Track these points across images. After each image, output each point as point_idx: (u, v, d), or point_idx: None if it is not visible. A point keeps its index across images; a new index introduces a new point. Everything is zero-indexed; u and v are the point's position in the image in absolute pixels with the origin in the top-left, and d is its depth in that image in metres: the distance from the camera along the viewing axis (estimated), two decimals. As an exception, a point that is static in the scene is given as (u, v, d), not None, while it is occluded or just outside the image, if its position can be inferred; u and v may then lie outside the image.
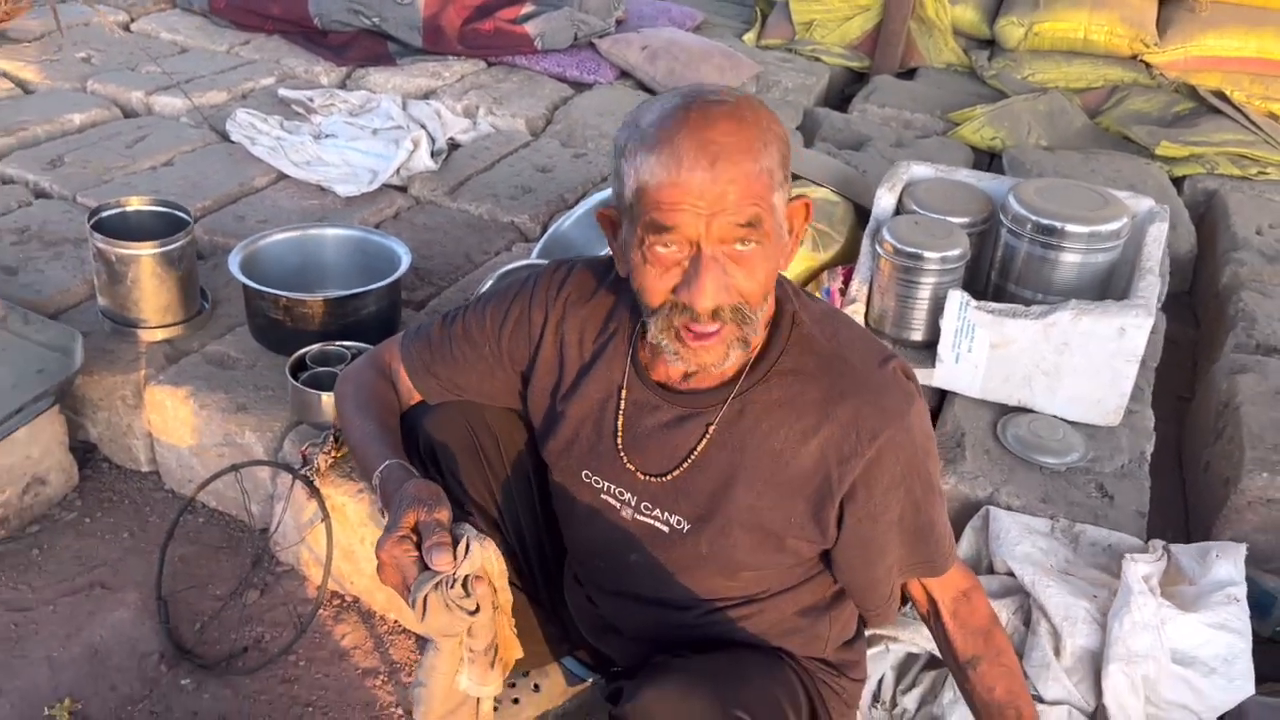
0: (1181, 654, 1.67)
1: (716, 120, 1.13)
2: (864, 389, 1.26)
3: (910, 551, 1.37)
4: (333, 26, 3.83)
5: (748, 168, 1.12)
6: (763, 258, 1.17)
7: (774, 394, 1.28)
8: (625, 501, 1.38)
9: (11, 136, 2.99)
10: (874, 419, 1.24)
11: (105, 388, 2.14)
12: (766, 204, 1.14)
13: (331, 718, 1.78)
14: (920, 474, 1.31)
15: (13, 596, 1.94)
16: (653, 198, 1.14)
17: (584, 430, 1.38)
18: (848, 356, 1.28)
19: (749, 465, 1.28)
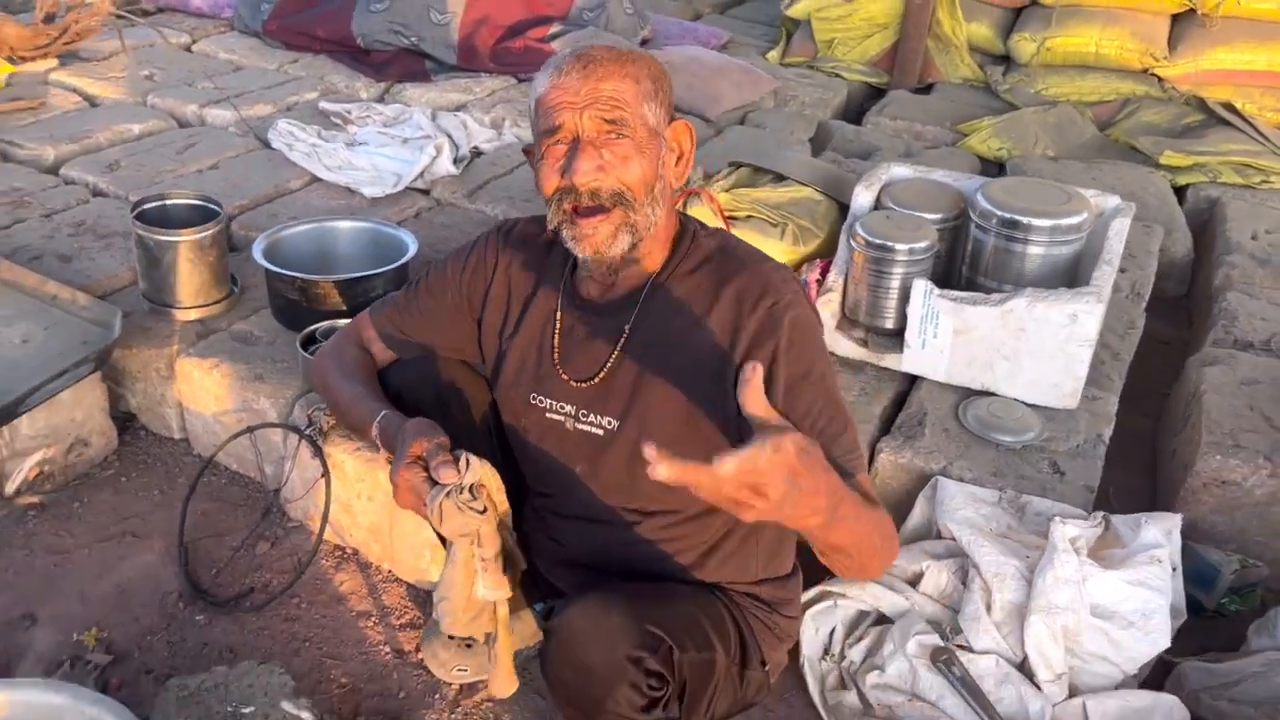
0: (1102, 609, 1.79)
1: (596, 48, 1.44)
2: (746, 270, 1.46)
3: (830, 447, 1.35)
4: (374, 45, 4.09)
5: (616, 75, 1.39)
6: (635, 150, 1.40)
7: (675, 292, 1.48)
8: (567, 414, 1.56)
9: (77, 144, 3.28)
10: (757, 290, 1.43)
11: (142, 361, 2.37)
12: (634, 108, 1.40)
13: (326, 652, 1.97)
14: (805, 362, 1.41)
15: (54, 541, 2.17)
16: (542, 105, 1.42)
17: (529, 357, 1.58)
18: (736, 252, 1.51)
19: (660, 356, 1.47)
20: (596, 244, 1.44)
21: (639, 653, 1.39)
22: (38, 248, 2.67)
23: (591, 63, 1.40)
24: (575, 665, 1.40)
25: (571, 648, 1.40)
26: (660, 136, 1.44)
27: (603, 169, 1.40)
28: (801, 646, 1.93)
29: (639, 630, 1.40)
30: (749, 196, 2.57)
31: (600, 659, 1.38)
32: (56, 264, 2.61)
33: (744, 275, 1.46)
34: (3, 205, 2.87)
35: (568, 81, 1.39)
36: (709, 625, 1.52)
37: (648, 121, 1.42)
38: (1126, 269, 2.87)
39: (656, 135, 1.44)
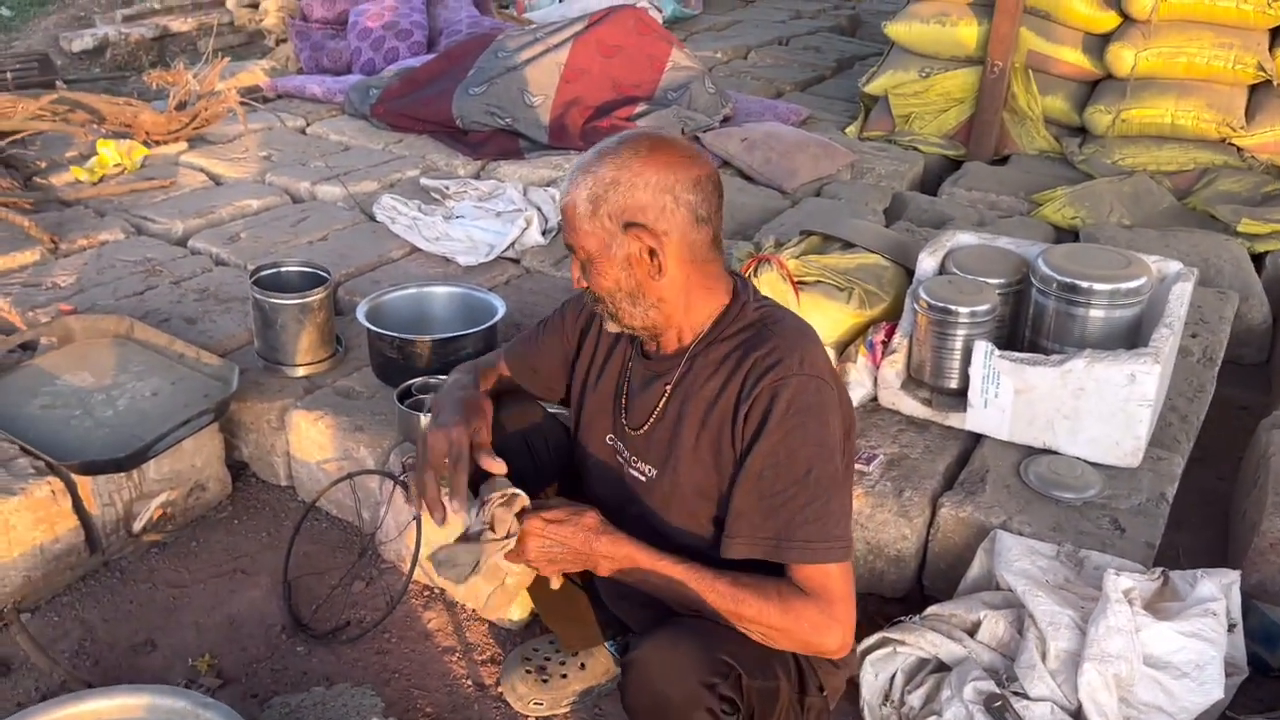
0: (1155, 659, 1.83)
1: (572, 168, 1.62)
2: (768, 343, 1.57)
3: (763, 520, 1.51)
4: (472, 126, 4.38)
5: (570, 204, 1.58)
6: (593, 268, 1.59)
7: (713, 355, 1.61)
8: (625, 458, 1.72)
9: (203, 218, 3.60)
10: (768, 363, 1.54)
11: (255, 413, 2.60)
12: (580, 232, 1.57)
13: (413, 683, 2.11)
14: (790, 432, 1.50)
15: (174, 576, 2.38)
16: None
17: (608, 400, 1.76)
18: (772, 325, 1.61)
19: (691, 412, 1.60)
20: (607, 325, 1.68)
21: (712, 679, 1.50)
22: (167, 311, 2.95)
23: (565, 185, 1.61)
24: (653, 694, 1.51)
25: (649, 679, 1.52)
26: (609, 249, 1.56)
27: (580, 280, 1.64)
28: (862, 691, 2.00)
29: (710, 658, 1.51)
30: (818, 262, 2.71)
31: (676, 687, 1.49)
32: (183, 325, 2.88)
33: (764, 348, 1.57)
34: (137, 273, 3.17)
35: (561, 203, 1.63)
36: (770, 653, 1.61)
37: (589, 243, 1.57)
38: (1198, 334, 2.91)
39: (605, 250, 1.56)
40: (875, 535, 2.27)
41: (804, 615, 1.49)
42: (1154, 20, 4.09)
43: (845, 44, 6.50)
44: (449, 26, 5.53)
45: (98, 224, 3.52)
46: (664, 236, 1.56)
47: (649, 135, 1.60)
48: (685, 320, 1.63)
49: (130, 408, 2.49)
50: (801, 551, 1.50)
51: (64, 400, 2.50)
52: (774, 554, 1.52)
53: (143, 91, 5.32)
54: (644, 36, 4.62)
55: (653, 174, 1.53)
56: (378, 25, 5.44)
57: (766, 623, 1.51)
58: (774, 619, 1.50)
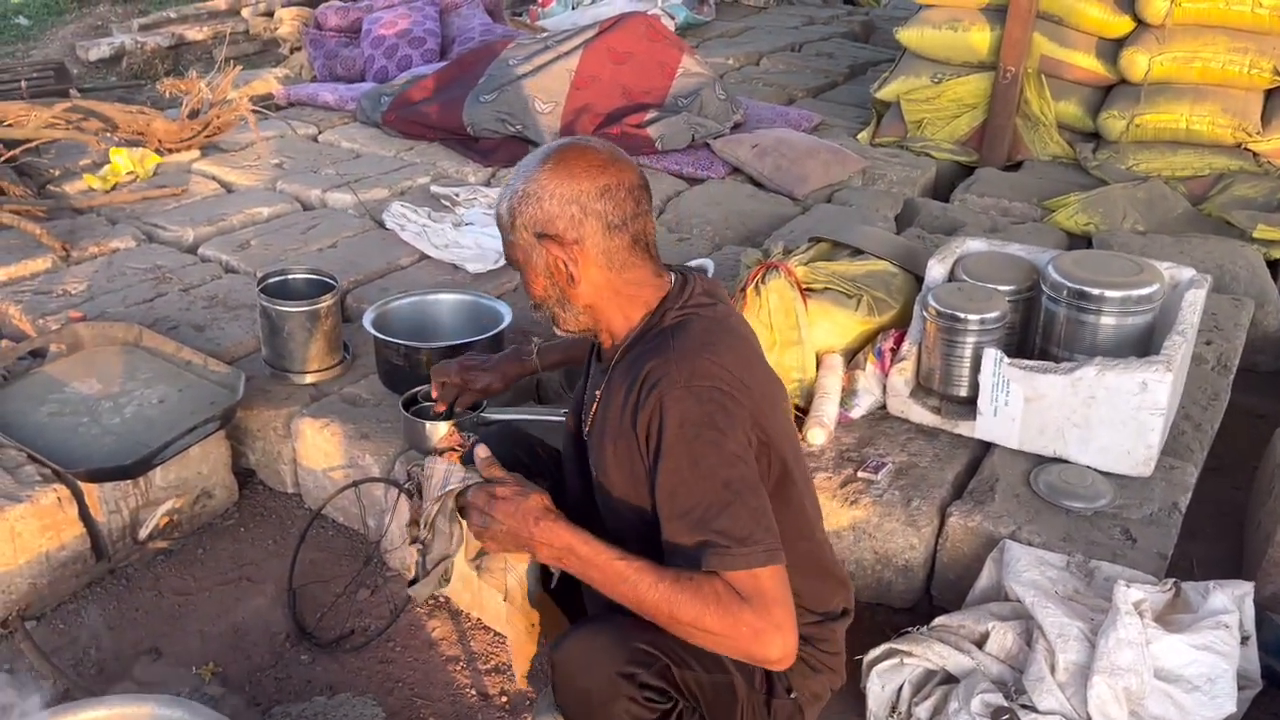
0: (1166, 672, 1.80)
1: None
2: (657, 356, 1.53)
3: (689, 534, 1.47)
4: (483, 133, 4.38)
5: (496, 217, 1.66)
6: (524, 277, 1.64)
7: (625, 364, 1.60)
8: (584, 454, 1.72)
9: (213, 226, 3.61)
10: (654, 379, 1.51)
11: (262, 420, 2.60)
12: (505, 244, 1.64)
13: (417, 692, 2.11)
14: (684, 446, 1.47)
15: (179, 584, 2.39)
16: None
17: (576, 398, 1.79)
18: (672, 337, 1.56)
19: (610, 420, 1.59)
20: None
21: (629, 668, 1.49)
22: (175, 318, 2.96)
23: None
24: (574, 690, 1.53)
25: (569, 674, 1.53)
26: (532, 253, 1.60)
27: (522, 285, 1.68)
28: (868, 703, 1.98)
29: (628, 647, 1.50)
30: (826, 269, 2.69)
31: (594, 679, 1.50)
32: (191, 333, 2.88)
33: (655, 359, 1.53)
34: (147, 280, 3.19)
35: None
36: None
37: (515, 253, 1.63)
38: (1213, 341, 2.87)
39: (526, 262, 1.62)
40: (883, 544, 2.24)
41: (741, 619, 1.42)
42: (1168, 25, 4.05)
43: (858, 50, 6.49)
44: (462, 34, 5.54)
45: (109, 232, 3.54)
46: (574, 246, 1.57)
47: (561, 146, 1.59)
48: (613, 326, 1.64)
49: (137, 415, 2.50)
50: (722, 558, 1.44)
51: (71, 407, 2.51)
52: (702, 563, 1.45)
53: (157, 100, 5.35)
54: (655, 43, 4.62)
55: (557, 185, 1.55)
56: (391, 33, 5.46)
57: (705, 627, 1.43)
58: (712, 622, 1.43)
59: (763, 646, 1.43)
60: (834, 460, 2.38)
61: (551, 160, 1.57)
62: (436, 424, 2.31)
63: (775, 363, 2.52)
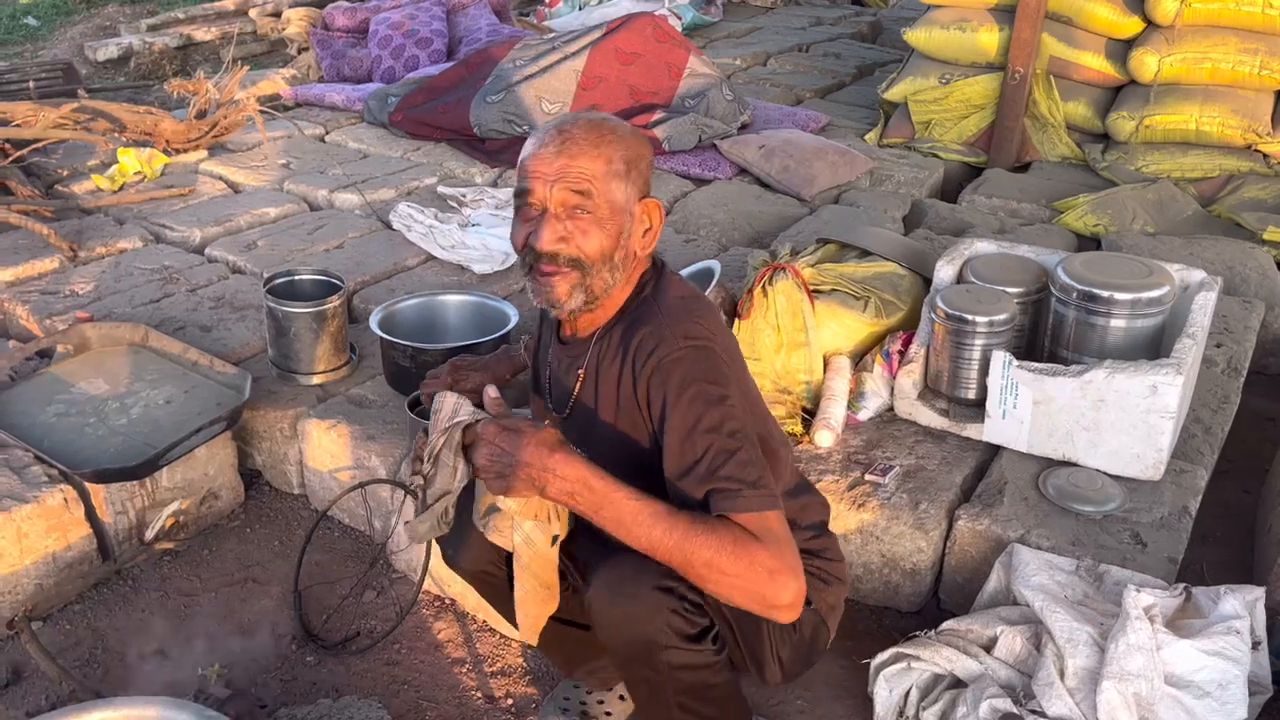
0: (1177, 678, 1.78)
1: (576, 121, 1.58)
2: (646, 325, 1.56)
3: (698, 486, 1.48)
4: (489, 134, 4.38)
5: (589, 154, 1.53)
6: (595, 225, 1.54)
7: (613, 339, 1.60)
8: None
9: (220, 226, 3.61)
10: (649, 346, 1.54)
11: (268, 421, 2.60)
12: (600, 186, 1.53)
13: (422, 694, 2.10)
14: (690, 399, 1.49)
15: (185, 585, 2.38)
16: (521, 168, 1.58)
17: (537, 383, 1.79)
18: (663, 306, 1.59)
19: (604, 398, 1.60)
20: (552, 298, 1.58)
21: (667, 582, 1.50)
22: (182, 319, 2.96)
23: (568, 140, 1.54)
24: (618, 618, 1.52)
25: (607, 607, 1.53)
26: (626, 212, 1.57)
27: (564, 240, 1.54)
28: (875, 708, 1.97)
29: (660, 569, 1.49)
30: (834, 271, 2.68)
31: (635, 601, 1.50)
32: (198, 334, 2.88)
33: (646, 328, 1.56)
34: (154, 281, 3.19)
35: (544, 153, 1.54)
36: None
37: (613, 199, 1.55)
38: (1223, 344, 2.86)
39: (622, 211, 1.56)
40: (891, 548, 2.23)
41: (757, 558, 1.42)
42: (1178, 25, 4.04)
43: (866, 50, 6.47)
44: (469, 35, 5.54)
45: (117, 232, 3.54)
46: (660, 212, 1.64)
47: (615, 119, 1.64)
48: (615, 297, 1.63)
49: (144, 416, 2.49)
50: (734, 501, 1.45)
51: (78, 408, 2.51)
52: (713, 508, 1.46)
53: (165, 100, 5.36)
54: (662, 44, 4.61)
55: (648, 151, 1.62)
56: (398, 33, 5.46)
57: (720, 568, 1.42)
58: (728, 563, 1.42)
59: (776, 588, 1.43)
60: (841, 463, 2.37)
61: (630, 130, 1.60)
62: None
63: (782, 364, 2.51)
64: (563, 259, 1.55)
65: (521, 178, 1.57)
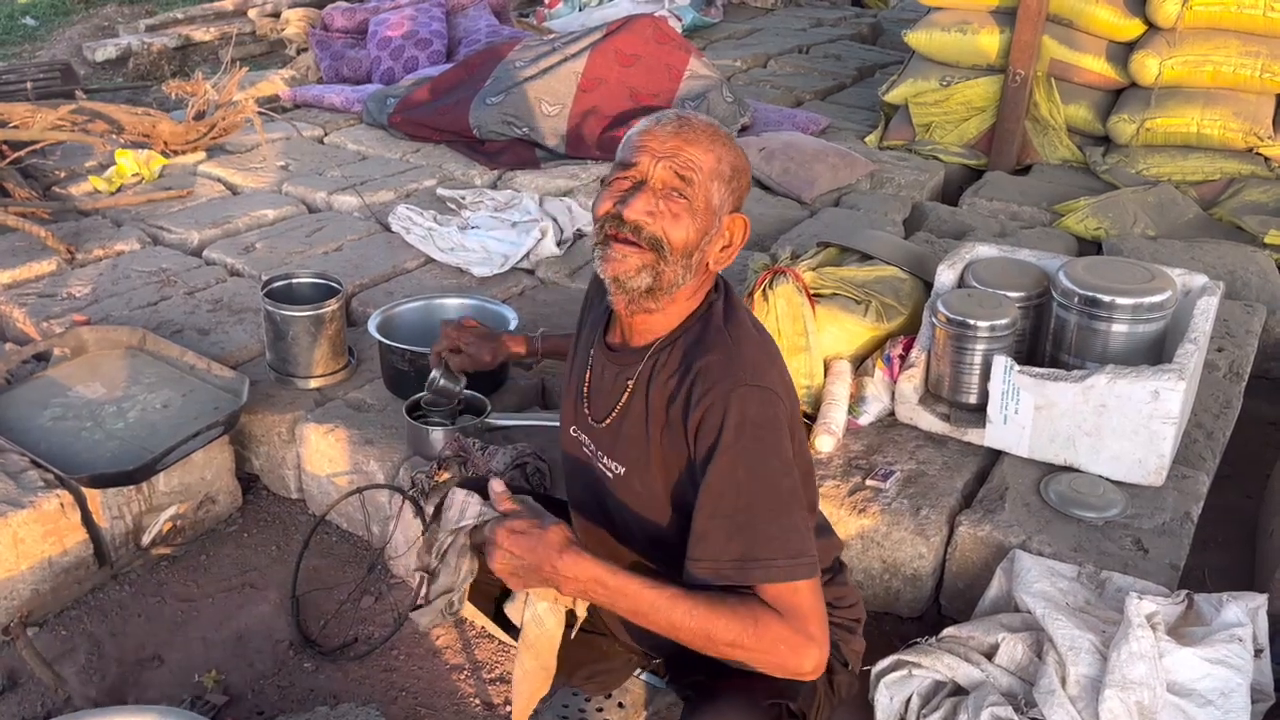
0: (1180, 686, 1.77)
1: (700, 118, 1.54)
2: (713, 353, 1.51)
3: (726, 542, 1.44)
4: (489, 136, 4.36)
5: (704, 145, 1.49)
6: (688, 213, 1.49)
7: (674, 356, 1.55)
8: (593, 452, 1.66)
9: (218, 228, 3.60)
10: (712, 378, 1.48)
11: (266, 426, 2.58)
12: (704, 178, 1.49)
13: (420, 701, 2.09)
14: (744, 450, 1.45)
15: (182, 590, 2.37)
16: (629, 142, 1.53)
17: (571, 391, 1.71)
18: (729, 331, 1.55)
19: (653, 414, 1.55)
20: (620, 270, 1.52)
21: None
22: (180, 322, 2.94)
23: (687, 126, 1.50)
24: None
25: None
26: (717, 216, 1.52)
27: (653, 215, 1.49)
28: (876, 715, 1.96)
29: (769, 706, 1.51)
30: (834, 275, 2.67)
31: None
32: (195, 337, 2.87)
33: (713, 354, 1.51)
34: (152, 284, 3.17)
35: (660, 130, 1.50)
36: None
37: (710, 197, 1.50)
38: (1225, 348, 2.85)
39: (713, 213, 1.52)
40: (891, 553, 2.22)
41: (780, 636, 1.41)
42: (1179, 28, 4.02)
43: (866, 52, 6.46)
44: (468, 36, 5.53)
45: (114, 234, 3.53)
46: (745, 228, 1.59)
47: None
48: (675, 307, 1.57)
49: (140, 420, 2.48)
50: (767, 570, 1.43)
51: (75, 412, 2.50)
52: (740, 576, 1.43)
53: (163, 101, 5.35)
54: (662, 45, 4.60)
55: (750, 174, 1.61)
56: (398, 35, 5.45)
57: (743, 645, 1.41)
58: (749, 641, 1.41)
59: (798, 660, 1.43)
60: (842, 468, 2.36)
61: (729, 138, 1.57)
62: (440, 430, 2.31)
63: (783, 369, 2.50)
64: (645, 234, 1.50)
65: (626, 149, 1.53)
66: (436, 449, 2.31)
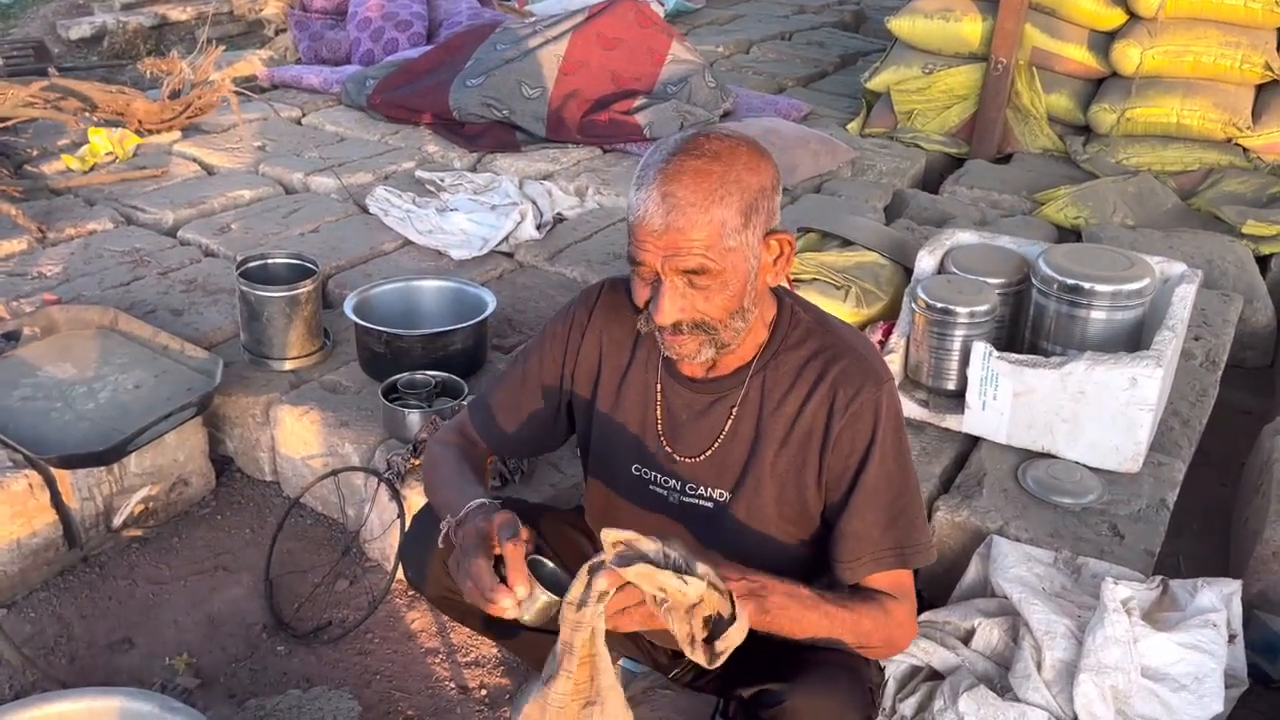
0: (1154, 670, 1.78)
1: (683, 173, 1.37)
2: (851, 351, 1.52)
3: (882, 535, 1.49)
4: (469, 118, 4.33)
5: (700, 221, 1.35)
6: (719, 288, 1.40)
7: (783, 369, 1.53)
8: (671, 489, 1.61)
9: (193, 209, 3.55)
10: (858, 380, 1.49)
11: (240, 407, 2.55)
12: (718, 249, 1.37)
13: (395, 685, 2.07)
14: (892, 443, 1.50)
15: (154, 573, 2.34)
16: (632, 233, 1.42)
17: (629, 429, 1.61)
18: (837, 331, 1.56)
19: (769, 431, 1.52)
20: (684, 352, 1.47)
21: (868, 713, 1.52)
22: (153, 302, 2.90)
23: (675, 207, 1.35)
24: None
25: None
26: (751, 257, 1.42)
27: (684, 310, 1.41)
28: (852, 699, 1.96)
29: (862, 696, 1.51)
30: (814, 260, 2.66)
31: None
32: (169, 317, 2.83)
33: (847, 359, 1.51)
34: (125, 264, 3.13)
35: (650, 221, 1.37)
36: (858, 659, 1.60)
37: (734, 259, 1.39)
38: (1201, 337, 2.86)
39: (745, 259, 1.41)
40: (869, 539, 2.22)
41: (902, 620, 1.51)
42: (1160, 18, 4.03)
43: (849, 39, 6.45)
44: (449, 18, 5.48)
45: (87, 213, 3.48)
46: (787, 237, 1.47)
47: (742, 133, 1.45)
48: (749, 333, 1.51)
49: (112, 400, 2.45)
50: (915, 555, 1.51)
51: (44, 392, 2.46)
52: (900, 564, 1.50)
53: (138, 80, 5.27)
54: (644, 29, 4.57)
55: (775, 170, 1.44)
56: (377, 16, 5.39)
57: (879, 634, 1.48)
58: (883, 630, 1.49)
59: (907, 639, 1.56)
60: (820, 453, 2.35)
61: (755, 143, 1.43)
62: (416, 413, 2.29)
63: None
64: (687, 325, 1.43)
65: (630, 238, 1.42)
66: (412, 432, 2.28)
